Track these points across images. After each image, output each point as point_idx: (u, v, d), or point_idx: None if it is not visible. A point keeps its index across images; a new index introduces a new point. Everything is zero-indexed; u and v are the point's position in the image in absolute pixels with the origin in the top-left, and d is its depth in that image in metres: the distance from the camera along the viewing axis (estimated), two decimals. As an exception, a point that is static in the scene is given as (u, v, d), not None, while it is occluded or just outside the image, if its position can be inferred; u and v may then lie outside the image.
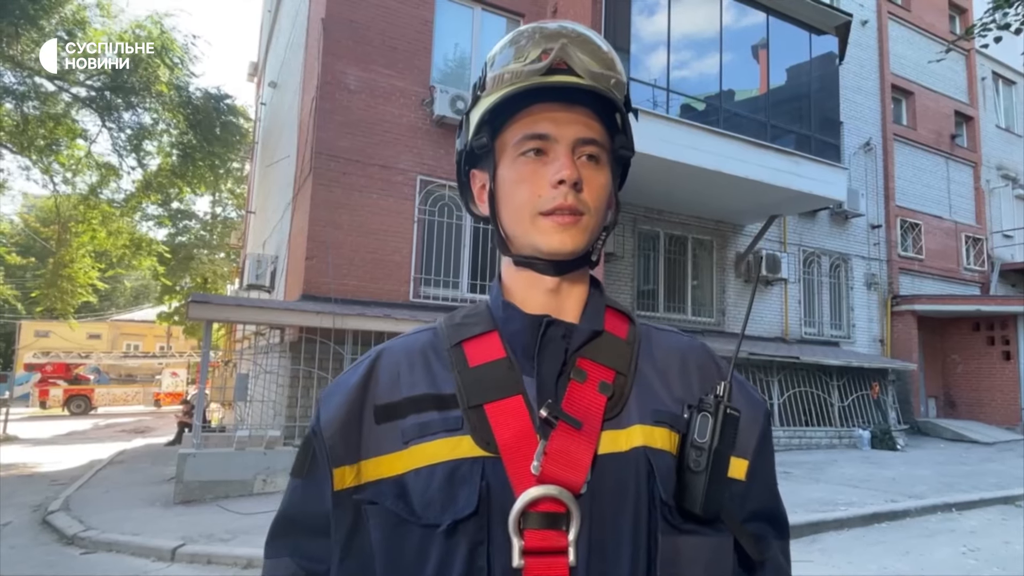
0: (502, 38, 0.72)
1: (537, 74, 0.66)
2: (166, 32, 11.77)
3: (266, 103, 14.70)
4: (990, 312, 13.69)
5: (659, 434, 0.66)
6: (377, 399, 0.68)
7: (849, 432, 10.93)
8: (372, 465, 0.66)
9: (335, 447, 0.67)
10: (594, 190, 0.68)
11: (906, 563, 4.78)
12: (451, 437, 0.64)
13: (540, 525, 0.59)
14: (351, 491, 0.66)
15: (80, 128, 13.19)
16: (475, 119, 0.71)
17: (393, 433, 0.66)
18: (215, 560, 4.75)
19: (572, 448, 0.62)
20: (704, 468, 0.62)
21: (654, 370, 0.71)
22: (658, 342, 0.74)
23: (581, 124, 0.68)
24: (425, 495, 0.62)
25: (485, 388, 0.65)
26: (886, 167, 13.87)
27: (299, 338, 7.57)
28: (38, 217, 24.02)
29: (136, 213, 16.46)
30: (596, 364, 0.68)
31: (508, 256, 0.72)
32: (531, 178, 0.67)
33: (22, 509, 6.56)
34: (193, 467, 6.49)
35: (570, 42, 0.68)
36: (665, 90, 8.90)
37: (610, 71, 0.68)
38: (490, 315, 0.72)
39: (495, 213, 0.71)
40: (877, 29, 14.27)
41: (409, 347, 0.72)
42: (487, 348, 0.69)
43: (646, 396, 0.68)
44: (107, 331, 29.71)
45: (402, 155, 8.64)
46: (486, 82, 0.70)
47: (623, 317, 0.74)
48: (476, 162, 0.74)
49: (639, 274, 10.73)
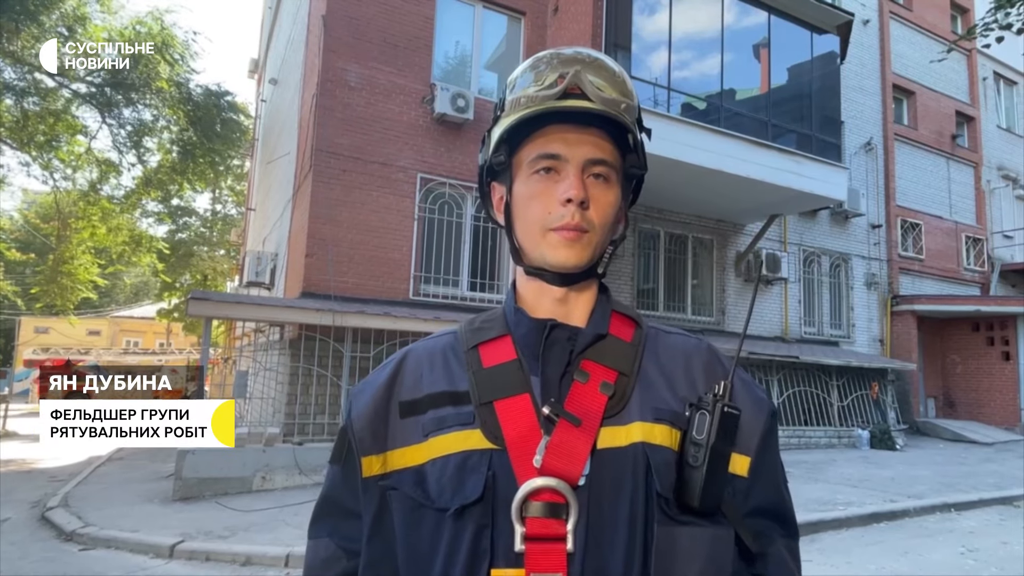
0: (524, 62, 0.78)
1: (552, 98, 0.71)
2: (166, 28, 11.77)
3: (266, 100, 14.68)
4: (990, 312, 13.68)
5: (659, 431, 0.70)
6: (402, 396, 0.75)
7: (848, 432, 10.93)
8: (397, 455, 0.72)
9: (364, 439, 0.74)
10: (601, 208, 0.73)
11: (905, 563, 4.78)
12: (464, 430, 0.69)
13: (541, 514, 0.64)
14: (377, 478, 0.73)
15: (80, 124, 13.18)
16: (495, 137, 0.76)
17: (415, 426, 0.72)
18: (213, 557, 4.75)
19: (571, 443, 0.66)
20: (701, 463, 0.66)
21: (659, 370, 0.75)
22: (664, 343, 0.78)
23: (591, 145, 0.73)
24: (439, 482, 0.68)
25: (496, 387, 0.71)
26: (887, 167, 13.85)
27: (299, 335, 7.56)
28: (38, 213, 23.99)
29: (136, 210, 16.43)
30: (599, 365, 0.72)
31: (520, 265, 0.78)
32: (542, 195, 0.73)
33: (21, 505, 6.56)
34: (192, 464, 6.49)
35: (584, 68, 0.73)
36: (666, 88, 8.88)
37: (621, 96, 0.73)
38: (505, 320, 0.78)
39: (510, 225, 0.77)
40: (879, 28, 14.25)
41: (431, 349, 0.78)
42: (500, 350, 0.74)
43: (648, 395, 0.72)
44: (107, 327, 29.74)
45: (402, 152, 8.64)
46: (505, 104, 0.75)
47: (629, 321, 0.79)
48: (496, 176, 0.80)
49: (639, 273, 10.72)
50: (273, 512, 5.79)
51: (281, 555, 4.64)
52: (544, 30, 9.98)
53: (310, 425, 7.49)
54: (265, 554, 4.69)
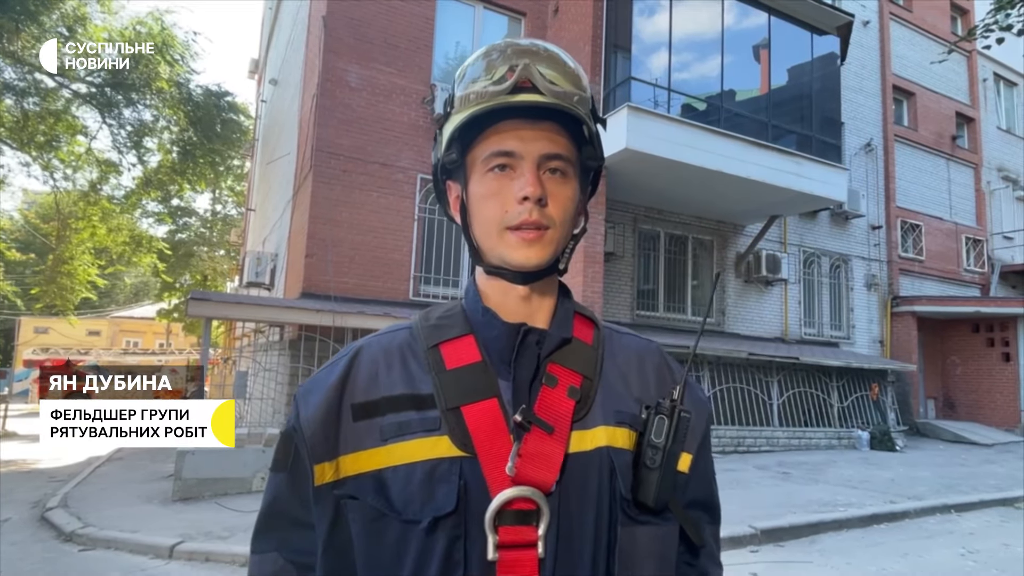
0: (477, 50, 0.75)
1: (502, 94, 0.69)
2: (167, 28, 11.78)
3: (267, 100, 14.69)
4: (990, 314, 13.68)
5: (620, 434, 0.71)
6: (355, 397, 0.70)
7: (848, 433, 10.93)
8: (350, 460, 0.68)
9: (315, 444, 0.69)
10: (560, 203, 0.71)
11: (904, 564, 4.78)
12: (429, 437, 0.67)
13: (513, 522, 0.64)
14: (330, 486, 0.68)
15: (80, 124, 13.18)
16: (446, 136, 0.73)
17: (371, 430, 0.68)
18: (213, 557, 4.74)
19: (545, 450, 0.66)
20: (659, 465, 0.68)
21: (616, 371, 0.76)
22: (619, 344, 0.79)
23: (546, 140, 0.70)
24: (404, 491, 0.65)
25: (462, 391, 0.68)
26: (887, 168, 13.85)
27: (298, 336, 7.56)
28: (38, 213, 24.00)
29: (136, 210, 16.44)
30: (565, 369, 0.72)
31: (480, 265, 0.75)
32: (498, 193, 0.70)
33: (21, 505, 6.55)
34: (192, 464, 6.49)
35: (535, 60, 0.70)
36: (666, 89, 8.88)
37: (574, 88, 0.71)
38: (464, 317, 0.75)
39: (467, 224, 0.75)
40: (879, 30, 14.25)
41: (386, 346, 0.74)
42: (463, 351, 0.71)
43: (609, 398, 0.73)
44: (107, 328, 29.74)
45: (402, 153, 8.64)
46: (455, 100, 0.72)
47: (589, 322, 0.79)
48: (450, 174, 0.77)
49: (639, 274, 10.72)
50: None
51: (281, 556, 4.62)
52: (544, 31, 9.98)
53: (310, 426, 7.48)
54: (265, 555, 4.68)
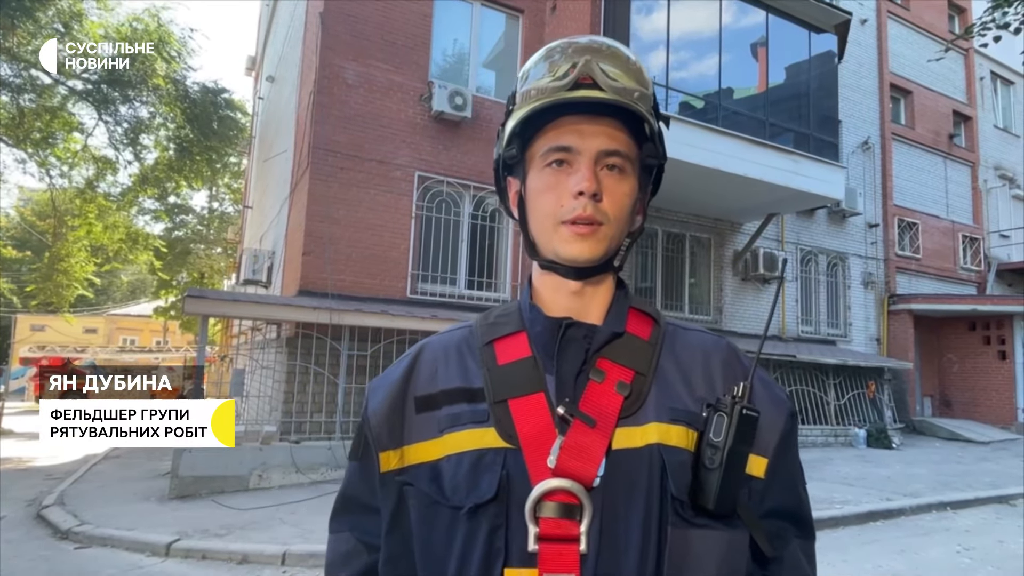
0: (538, 52, 0.76)
1: (563, 89, 0.70)
2: (163, 25, 11.75)
3: (264, 97, 14.64)
4: (986, 312, 13.72)
5: (675, 432, 0.69)
6: (417, 391, 0.74)
7: (845, 430, 10.96)
8: (413, 451, 0.72)
9: (381, 434, 0.74)
10: (615, 200, 0.71)
11: (901, 562, 4.79)
12: (478, 428, 0.69)
13: (554, 514, 0.64)
14: (394, 473, 0.73)
15: (76, 121, 13.14)
16: (507, 131, 0.75)
17: (430, 422, 0.72)
18: (210, 555, 4.74)
19: (586, 444, 0.66)
20: (718, 466, 0.66)
21: (676, 369, 0.74)
22: (683, 341, 0.77)
23: (605, 136, 0.71)
24: (454, 479, 0.68)
25: (510, 385, 0.71)
26: (884, 166, 13.87)
27: (296, 334, 7.55)
28: (34, 211, 23.88)
29: (133, 207, 16.41)
30: (615, 364, 0.71)
31: (535, 259, 0.77)
32: (555, 188, 0.72)
33: (17, 503, 6.54)
34: (188, 462, 6.48)
35: (596, 57, 0.71)
36: (664, 87, 8.87)
37: (636, 85, 0.71)
38: (520, 316, 0.77)
39: (524, 219, 0.76)
40: (876, 28, 14.26)
41: (447, 343, 0.78)
42: (515, 347, 0.74)
43: (665, 395, 0.71)
44: (103, 325, 29.67)
45: (400, 150, 8.62)
46: (517, 97, 0.74)
47: (647, 318, 0.78)
48: (510, 170, 0.78)
49: (636, 271, 10.73)
50: (270, 510, 5.79)
51: (278, 553, 4.63)
52: (542, 28, 9.96)
53: (307, 423, 7.48)
54: (262, 552, 4.68)
